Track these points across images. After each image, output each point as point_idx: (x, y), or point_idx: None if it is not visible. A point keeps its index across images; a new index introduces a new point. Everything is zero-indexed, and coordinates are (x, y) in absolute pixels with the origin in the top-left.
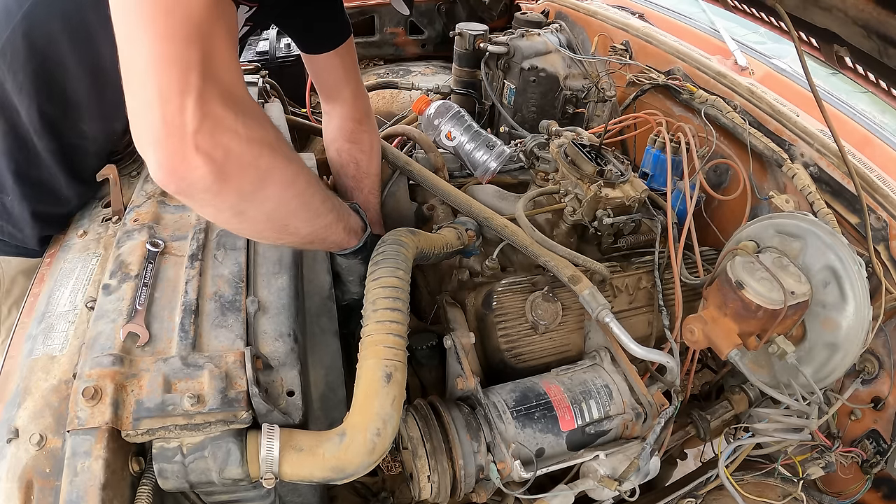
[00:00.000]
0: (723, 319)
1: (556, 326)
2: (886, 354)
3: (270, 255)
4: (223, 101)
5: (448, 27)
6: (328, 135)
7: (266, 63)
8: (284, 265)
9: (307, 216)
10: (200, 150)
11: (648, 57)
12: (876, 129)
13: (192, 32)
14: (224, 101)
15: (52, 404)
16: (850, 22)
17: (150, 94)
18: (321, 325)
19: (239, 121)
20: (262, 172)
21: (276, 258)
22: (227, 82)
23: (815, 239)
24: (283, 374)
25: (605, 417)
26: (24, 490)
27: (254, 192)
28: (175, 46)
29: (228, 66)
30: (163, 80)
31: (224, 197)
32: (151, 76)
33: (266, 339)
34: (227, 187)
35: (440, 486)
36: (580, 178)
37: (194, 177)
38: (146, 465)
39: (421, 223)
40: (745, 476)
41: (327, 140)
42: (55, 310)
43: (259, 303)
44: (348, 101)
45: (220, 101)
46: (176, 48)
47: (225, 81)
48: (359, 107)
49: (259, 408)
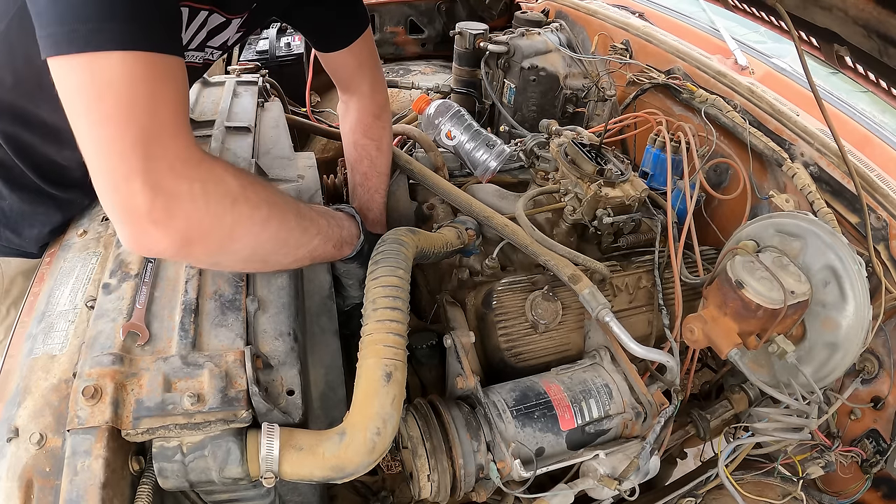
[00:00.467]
0: (723, 319)
1: (556, 325)
2: (886, 354)
3: None
4: (172, 172)
5: (448, 26)
6: (346, 126)
7: (266, 62)
8: None
9: (286, 251)
10: (159, 225)
11: (648, 56)
12: (876, 128)
13: (123, 114)
14: (174, 172)
15: (52, 403)
16: (851, 21)
17: (101, 181)
18: (321, 324)
19: (195, 185)
20: (227, 229)
21: None
22: (175, 150)
23: (815, 238)
24: (283, 374)
25: (605, 417)
26: (24, 489)
27: (223, 248)
28: (110, 130)
29: (174, 131)
30: (107, 167)
31: (195, 256)
32: (97, 164)
33: (266, 338)
34: (195, 250)
35: (440, 485)
36: (580, 177)
37: (160, 248)
38: (146, 464)
39: (421, 222)
40: (745, 475)
41: (345, 132)
42: (55, 309)
43: (259, 301)
44: (366, 95)
45: (169, 173)
46: (111, 132)
47: (171, 151)
48: (377, 101)
49: (259, 407)
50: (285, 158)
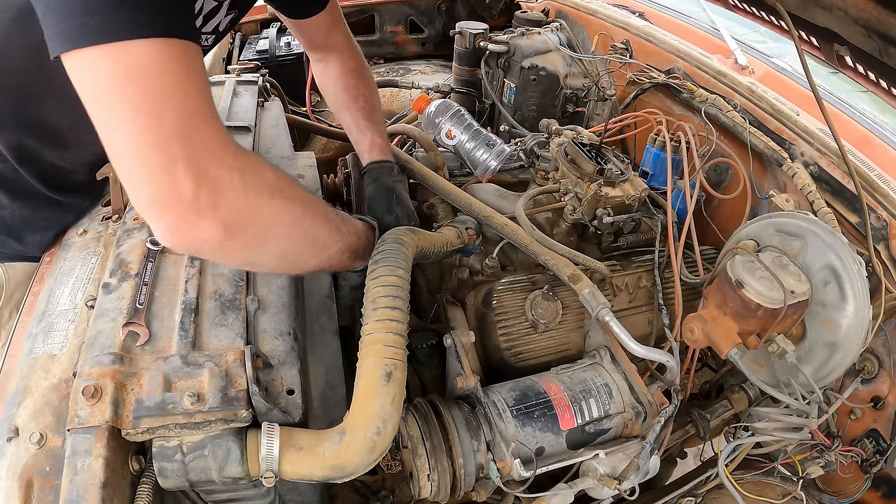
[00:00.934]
0: (723, 318)
1: (556, 325)
2: (886, 354)
3: None
4: (214, 160)
5: (448, 26)
6: (330, 75)
7: (266, 62)
8: None
9: (314, 251)
10: (204, 214)
11: (648, 56)
12: (876, 128)
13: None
14: (215, 159)
15: (52, 403)
16: (851, 21)
17: (137, 174)
18: (321, 323)
19: (235, 175)
20: (265, 223)
21: None
22: (212, 138)
23: (815, 238)
24: (283, 373)
25: (605, 416)
26: (24, 489)
27: (259, 242)
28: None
29: (209, 118)
30: (143, 159)
31: (232, 251)
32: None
33: (266, 337)
34: (234, 243)
35: (440, 484)
36: (580, 176)
37: (203, 238)
38: (146, 463)
39: (421, 222)
40: (745, 475)
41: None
42: (55, 308)
43: (259, 301)
44: (345, 48)
45: (211, 161)
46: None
47: (209, 138)
48: (354, 53)
49: (259, 406)
50: (285, 158)
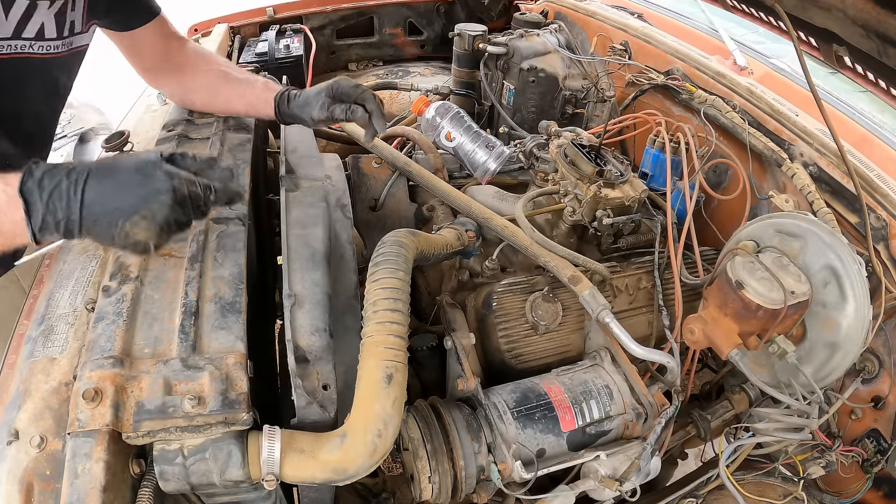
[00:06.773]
0: (723, 319)
1: (557, 327)
2: (886, 354)
3: (303, 251)
4: None
5: (447, 28)
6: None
7: (265, 64)
8: (317, 261)
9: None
10: None
11: (647, 57)
12: (875, 128)
13: None
14: None
15: (52, 406)
16: (850, 22)
17: None
18: (345, 323)
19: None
20: None
21: (308, 254)
22: None
23: (814, 238)
24: (319, 368)
25: (606, 418)
26: (24, 492)
27: None
28: None
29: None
30: None
31: None
32: None
33: (302, 332)
34: None
35: (441, 486)
36: (580, 178)
37: None
38: (147, 467)
39: (421, 224)
40: (746, 476)
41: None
42: (55, 312)
43: (295, 297)
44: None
45: None
46: None
47: None
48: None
49: (300, 400)
50: (311, 157)
